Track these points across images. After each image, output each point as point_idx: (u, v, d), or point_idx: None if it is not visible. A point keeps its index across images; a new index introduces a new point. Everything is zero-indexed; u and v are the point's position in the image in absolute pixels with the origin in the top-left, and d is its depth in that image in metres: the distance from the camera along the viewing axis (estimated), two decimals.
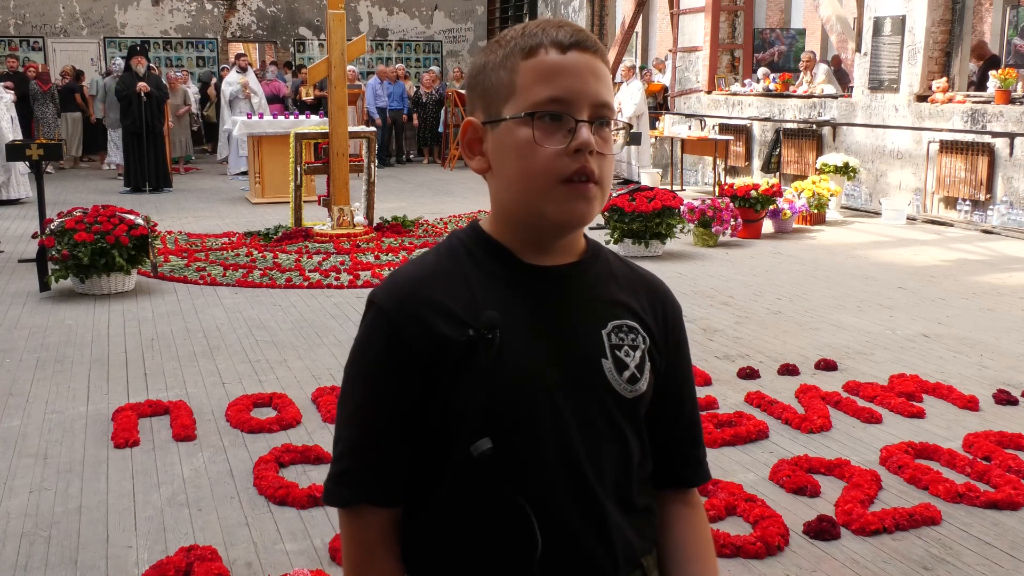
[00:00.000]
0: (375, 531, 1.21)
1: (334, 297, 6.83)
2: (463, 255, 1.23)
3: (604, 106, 1.18)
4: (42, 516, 3.39)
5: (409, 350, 1.17)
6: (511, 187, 1.19)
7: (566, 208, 1.16)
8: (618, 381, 1.21)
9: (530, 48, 1.17)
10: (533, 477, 1.17)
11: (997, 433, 4.11)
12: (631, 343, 1.23)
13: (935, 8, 10.55)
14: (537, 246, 1.22)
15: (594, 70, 1.18)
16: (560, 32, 1.17)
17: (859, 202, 11.46)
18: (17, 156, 7.76)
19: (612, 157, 1.20)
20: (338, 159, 9.23)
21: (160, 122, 13.15)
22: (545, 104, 1.15)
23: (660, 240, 8.23)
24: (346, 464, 1.21)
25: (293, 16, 20.02)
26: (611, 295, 1.26)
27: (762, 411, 4.43)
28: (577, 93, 1.15)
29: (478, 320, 1.16)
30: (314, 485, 3.55)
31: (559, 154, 1.15)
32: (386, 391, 1.19)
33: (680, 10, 15.06)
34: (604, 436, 1.21)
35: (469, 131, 1.23)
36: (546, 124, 1.15)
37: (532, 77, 1.16)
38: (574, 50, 1.17)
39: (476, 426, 1.16)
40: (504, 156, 1.19)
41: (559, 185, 1.15)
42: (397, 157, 17.33)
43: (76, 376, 5.00)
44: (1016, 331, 5.92)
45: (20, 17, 18.35)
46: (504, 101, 1.18)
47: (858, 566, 3.05)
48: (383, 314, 1.20)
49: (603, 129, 1.18)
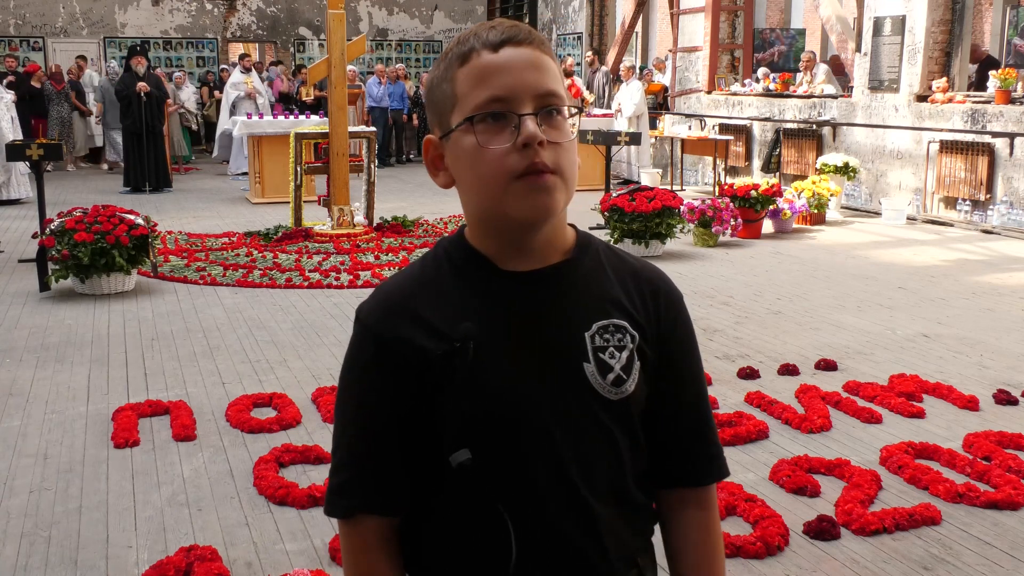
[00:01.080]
0: (374, 538, 1.22)
1: (334, 297, 6.84)
2: (445, 264, 1.23)
3: (549, 95, 1.15)
4: (42, 516, 3.39)
5: (393, 363, 1.18)
6: (472, 195, 1.18)
7: (526, 203, 1.14)
8: (602, 384, 1.19)
9: (463, 55, 1.16)
10: (517, 485, 1.17)
11: (997, 433, 4.11)
12: (617, 343, 1.21)
13: (935, 8, 10.55)
14: (515, 250, 1.20)
15: (532, 62, 1.15)
16: (491, 33, 1.16)
17: (859, 202, 11.46)
18: (17, 156, 7.76)
19: (570, 144, 1.17)
20: (338, 159, 9.23)
21: (160, 122, 13.15)
22: (485, 105, 1.14)
23: (660, 240, 8.24)
24: (344, 475, 1.23)
25: (293, 16, 20.02)
26: (598, 293, 1.23)
27: (762, 411, 4.43)
28: (515, 88, 1.13)
29: (456, 332, 1.16)
30: (314, 485, 3.55)
31: (507, 152, 1.13)
32: (378, 403, 1.20)
33: (680, 10, 15.06)
34: (591, 438, 1.20)
35: (431, 149, 1.23)
36: (489, 125, 1.14)
37: (469, 83, 1.15)
38: (507, 46, 1.15)
39: (457, 437, 1.16)
40: (460, 166, 1.18)
41: (513, 182, 1.13)
42: (397, 157, 17.33)
43: (76, 376, 5.00)
44: (1016, 331, 5.92)
45: (20, 17, 18.36)
46: (450, 113, 1.18)
47: (858, 566, 3.05)
48: (367, 329, 1.21)
49: (554, 118, 1.16)
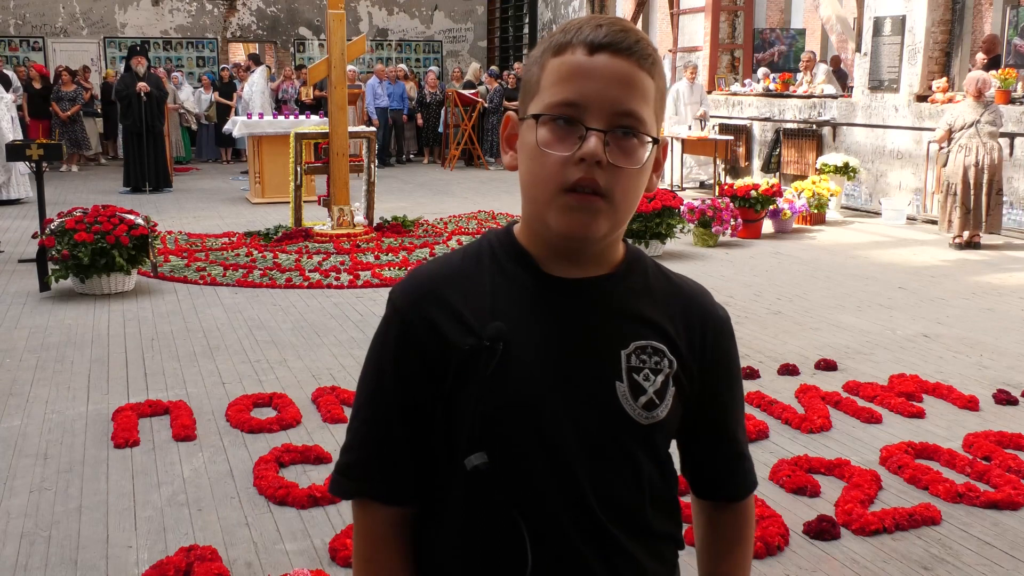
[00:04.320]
0: (381, 527, 1.20)
1: (334, 297, 6.83)
2: (488, 259, 1.19)
3: (627, 115, 1.09)
4: (42, 516, 3.39)
5: (417, 349, 1.15)
6: (524, 189, 1.15)
7: (564, 219, 1.10)
8: (632, 406, 1.14)
9: (560, 45, 1.11)
10: (530, 495, 1.13)
11: (997, 433, 4.11)
12: (653, 366, 1.16)
13: (935, 8, 10.55)
14: (562, 256, 1.16)
15: (622, 76, 1.09)
16: (595, 32, 1.10)
17: (859, 202, 11.46)
18: (17, 156, 7.76)
19: (636, 172, 1.11)
20: (338, 159, 9.23)
21: (160, 122, 13.14)
22: (558, 107, 1.09)
23: (660, 240, 8.24)
24: (352, 456, 1.21)
25: (293, 16, 20.02)
26: (640, 313, 1.18)
27: (762, 411, 4.43)
28: (592, 99, 1.08)
29: (487, 330, 1.12)
30: (314, 485, 3.55)
31: (565, 161, 1.09)
32: (394, 389, 1.17)
33: (680, 10, 15.06)
34: (612, 460, 1.15)
35: (508, 125, 1.19)
36: (558, 128, 1.09)
37: (554, 77, 1.11)
38: (604, 52, 1.09)
39: (474, 438, 1.13)
40: (521, 155, 1.15)
41: (561, 194, 1.09)
42: (397, 157, 17.33)
43: (76, 376, 5.00)
44: (1016, 331, 5.92)
45: (20, 17, 18.35)
46: (531, 98, 1.14)
47: (858, 566, 3.05)
48: (397, 312, 1.18)
49: (627, 140, 1.10)
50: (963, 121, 8.54)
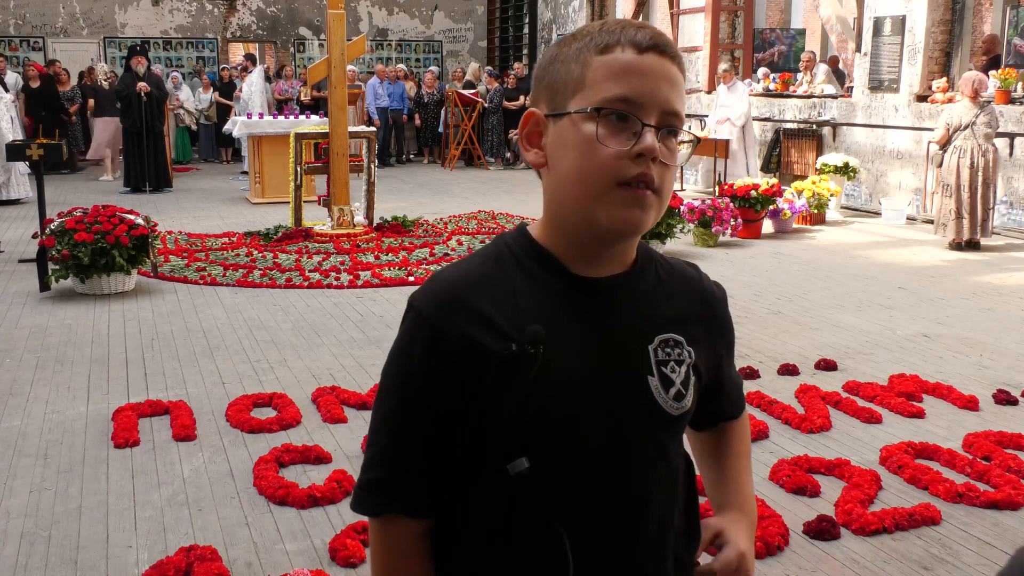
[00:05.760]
0: (404, 541, 1.18)
1: (334, 297, 6.84)
2: (510, 263, 1.17)
3: (674, 114, 1.13)
4: (42, 516, 3.39)
5: (448, 358, 1.12)
6: (566, 185, 1.14)
7: (620, 213, 1.11)
8: (665, 399, 1.17)
9: (606, 44, 1.12)
10: (569, 498, 1.13)
11: (997, 433, 4.11)
12: (677, 358, 1.20)
13: (935, 8, 10.55)
14: (588, 255, 1.17)
15: (669, 76, 1.13)
16: (639, 33, 1.13)
17: (859, 202, 11.46)
18: (17, 156, 7.76)
19: (674, 169, 1.15)
20: (338, 159, 9.23)
21: (160, 122, 13.15)
22: (614, 102, 1.10)
23: (660, 240, 8.23)
24: (376, 472, 1.18)
25: (293, 16, 20.02)
26: (659, 307, 1.21)
27: (762, 411, 4.43)
28: (648, 96, 1.11)
29: (521, 333, 1.11)
30: (314, 485, 3.55)
31: (620, 155, 1.10)
32: (421, 400, 1.14)
33: (680, 10, 15.06)
34: (647, 457, 1.18)
35: (530, 123, 1.18)
36: (611, 123, 1.10)
37: (604, 73, 1.11)
38: (651, 52, 1.12)
39: (514, 443, 1.11)
40: (563, 151, 1.14)
41: (616, 188, 1.10)
42: (397, 157, 17.32)
43: (76, 376, 5.00)
44: (1016, 331, 5.92)
45: (20, 17, 18.35)
46: (571, 95, 1.13)
47: (858, 566, 3.05)
48: (422, 319, 1.14)
49: (669, 138, 1.13)
50: (959, 122, 8.53)
